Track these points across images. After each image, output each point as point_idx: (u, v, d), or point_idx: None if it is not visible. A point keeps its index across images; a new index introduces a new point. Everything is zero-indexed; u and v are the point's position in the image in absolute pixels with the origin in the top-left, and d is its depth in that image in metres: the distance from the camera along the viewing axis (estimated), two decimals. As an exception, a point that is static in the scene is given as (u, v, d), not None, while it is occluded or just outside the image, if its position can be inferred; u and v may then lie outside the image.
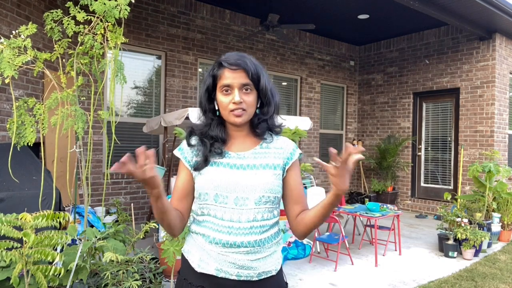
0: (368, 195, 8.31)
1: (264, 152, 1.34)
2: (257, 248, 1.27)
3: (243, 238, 1.25)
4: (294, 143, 1.41)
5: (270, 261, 1.30)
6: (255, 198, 1.26)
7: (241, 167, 1.30)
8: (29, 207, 2.68)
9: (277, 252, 1.34)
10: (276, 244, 1.34)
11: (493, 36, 6.97)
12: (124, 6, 2.41)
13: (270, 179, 1.29)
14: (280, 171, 1.33)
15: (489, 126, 6.99)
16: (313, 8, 6.87)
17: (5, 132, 4.13)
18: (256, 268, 1.27)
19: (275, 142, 1.38)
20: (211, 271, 1.27)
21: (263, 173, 1.29)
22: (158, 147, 6.48)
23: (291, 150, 1.36)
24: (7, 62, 2.27)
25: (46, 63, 2.65)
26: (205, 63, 7.03)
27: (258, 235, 1.27)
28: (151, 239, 4.93)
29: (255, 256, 1.27)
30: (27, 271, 2.18)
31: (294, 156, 1.36)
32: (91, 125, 2.57)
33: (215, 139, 1.32)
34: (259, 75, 1.30)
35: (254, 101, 1.30)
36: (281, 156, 1.35)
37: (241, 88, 1.27)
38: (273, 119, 1.37)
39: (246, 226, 1.26)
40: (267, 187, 1.28)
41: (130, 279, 2.49)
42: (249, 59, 1.30)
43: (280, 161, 1.34)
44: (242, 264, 1.26)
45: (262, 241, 1.28)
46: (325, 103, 9.02)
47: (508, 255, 4.90)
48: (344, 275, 4.04)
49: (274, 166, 1.32)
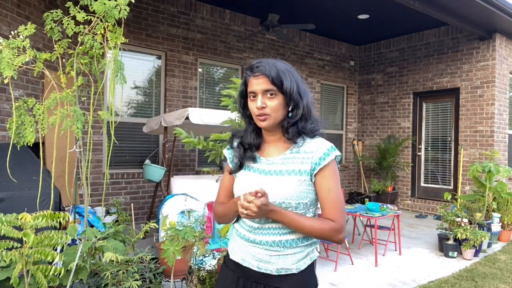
0: (368, 195, 8.31)
1: (293, 157, 1.36)
2: (276, 248, 1.34)
3: (261, 238, 1.35)
4: (330, 145, 1.35)
5: (291, 259, 1.35)
6: (276, 204, 1.31)
7: (268, 173, 1.37)
8: (29, 207, 2.68)
9: (301, 253, 1.36)
10: (303, 246, 1.37)
11: (493, 36, 6.97)
12: (124, 6, 2.41)
13: (292, 186, 1.32)
14: (307, 176, 1.33)
15: (489, 126, 6.99)
16: (313, 8, 6.87)
17: (5, 132, 4.13)
18: (274, 264, 1.34)
19: (306, 145, 1.36)
20: (238, 260, 1.42)
21: (287, 180, 1.33)
22: (158, 147, 6.48)
23: (321, 155, 1.32)
24: (7, 62, 2.27)
25: (46, 63, 2.65)
26: (205, 63, 7.03)
27: (277, 236, 1.34)
28: (151, 239, 4.93)
29: (275, 252, 1.34)
30: (27, 271, 2.18)
31: (323, 161, 1.32)
32: (90, 125, 2.57)
33: (250, 145, 1.42)
34: (281, 79, 1.32)
35: (279, 105, 1.33)
36: (309, 161, 1.34)
37: (265, 93, 1.33)
38: (304, 121, 1.36)
39: (265, 227, 1.35)
40: (288, 195, 1.31)
41: (130, 279, 2.49)
42: (273, 64, 1.34)
43: (307, 167, 1.34)
44: (261, 258, 1.35)
45: (282, 242, 1.34)
46: (325, 103, 9.02)
47: (508, 255, 4.90)
48: (344, 275, 4.04)
49: (301, 172, 1.33)
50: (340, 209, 1.33)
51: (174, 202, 4.36)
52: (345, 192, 8.67)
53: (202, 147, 2.91)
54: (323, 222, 1.32)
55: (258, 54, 7.61)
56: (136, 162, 6.25)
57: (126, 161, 6.20)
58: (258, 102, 1.32)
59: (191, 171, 6.78)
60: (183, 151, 6.65)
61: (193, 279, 3.06)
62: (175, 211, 4.26)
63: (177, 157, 6.56)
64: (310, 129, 1.37)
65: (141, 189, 6.23)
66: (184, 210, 4.28)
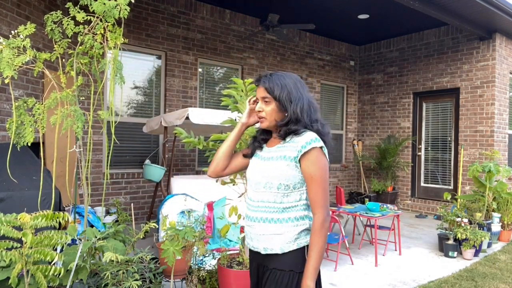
0: (368, 195, 8.31)
1: (284, 146, 1.63)
2: (262, 224, 1.59)
3: (252, 213, 1.64)
4: (315, 136, 1.57)
5: (277, 240, 1.56)
6: (263, 183, 1.60)
7: (265, 159, 1.67)
8: (29, 207, 2.68)
9: (287, 235, 1.56)
10: (290, 228, 1.56)
11: (493, 36, 6.97)
12: (124, 6, 2.41)
13: (278, 169, 1.57)
14: (292, 162, 1.57)
15: (489, 126, 6.99)
16: (313, 8, 6.87)
17: (5, 132, 4.13)
18: (262, 242, 1.60)
19: (296, 138, 1.60)
20: (247, 244, 1.72)
21: (275, 164, 1.59)
22: (158, 147, 6.48)
23: (303, 143, 1.55)
24: (7, 62, 2.27)
25: (46, 63, 2.65)
26: (205, 63, 7.03)
27: (263, 213, 1.60)
28: (151, 239, 4.93)
29: (261, 231, 1.60)
30: (27, 271, 2.18)
31: (304, 148, 1.54)
32: (90, 125, 2.57)
33: (256, 139, 1.78)
34: (274, 90, 1.61)
35: (273, 110, 1.63)
36: (295, 149, 1.57)
37: (262, 100, 1.65)
38: (294, 124, 1.60)
39: (255, 204, 1.63)
40: (272, 176, 1.58)
41: (130, 279, 2.49)
42: (270, 76, 1.64)
43: (294, 154, 1.57)
44: (252, 237, 1.65)
45: (268, 220, 1.58)
46: (325, 103, 9.02)
47: (508, 255, 4.90)
48: (344, 275, 4.04)
49: (289, 158, 1.57)
50: (320, 204, 1.53)
51: (174, 202, 4.36)
52: (345, 192, 8.67)
53: (202, 147, 2.90)
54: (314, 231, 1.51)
55: (258, 54, 7.62)
56: (136, 162, 6.25)
57: (126, 161, 6.20)
58: (257, 107, 1.67)
59: (191, 171, 6.78)
60: (183, 151, 6.65)
61: (193, 279, 3.06)
62: (175, 211, 4.26)
63: (177, 157, 6.56)
64: (295, 131, 1.60)
65: (141, 189, 6.23)
66: (184, 210, 4.28)
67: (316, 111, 1.68)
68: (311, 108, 1.65)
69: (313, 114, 1.65)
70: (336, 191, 5.97)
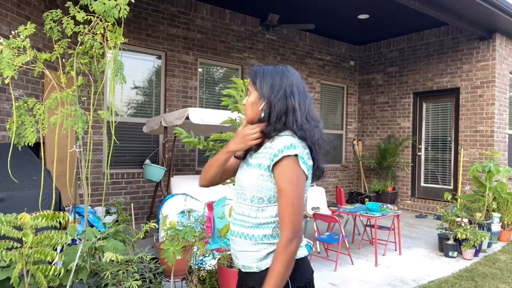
0: (368, 195, 8.31)
1: (262, 152, 1.42)
2: (239, 240, 1.41)
3: (233, 227, 1.46)
4: (290, 142, 1.32)
5: (252, 256, 1.38)
6: (240, 194, 1.43)
7: (248, 165, 1.45)
8: (29, 207, 2.68)
9: (260, 252, 1.37)
10: (264, 245, 1.37)
11: (493, 36, 6.97)
12: (124, 6, 2.41)
13: (250, 178, 1.39)
14: (266, 172, 1.35)
15: (489, 126, 6.99)
16: (313, 8, 6.87)
17: (5, 132, 4.13)
18: (241, 259, 1.42)
19: (274, 142, 1.37)
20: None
21: (249, 172, 1.41)
22: (158, 147, 6.48)
23: (275, 151, 1.32)
24: (7, 62, 2.27)
25: (46, 63, 2.65)
26: (205, 63, 7.03)
27: (240, 228, 1.42)
28: (151, 239, 4.93)
29: (239, 247, 1.42)
30: (27, 271, 2.18)
31: (275, 158, 1.31)
32: (91, 125, 2.57)
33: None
34: (254, 79, 1.44)
35: (253, 103, 1.43)
36: (270, 156, 1.34)
37: (248, 91, 1.49)
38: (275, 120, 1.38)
39: (234, 217, 1.46)
40: (245, 185, 1.40)
41: (130, 279, 2.49)
42: (256, 67, 1.47)
43: (267, 162, 1.35)
44: (234, 254, 1.46)
45: (244, 235, 1.40)
46: (325, 103, 9.02)
47: (508, 255, 4.90)
48: (344, 275, 4.04)
49: (262, 167, 1.37)
50: (287, 221, 1.27)
51: (174, 202, 4.36)
52: (345, 192, 8.68)
53: (202, 147, 2.90)
54: (275, 254, 1.28)
55: (258, 54, 7.62)
56: (136, 162, 6.25)
57: (126, 161, 6.19)
58: (244, 99, 1.53)
59: (191, 171, 6.78)
60: (183, 151, 6.65)
61: (193, 279, 3.06)
62: (175, 211, 4.26)
63: (177, 157, 6.56)
64: (280, 129, 1.38)
65: (141, 189, 6.23)
66: (184, 210, 4.28)
67: (306, 109, 1.40)
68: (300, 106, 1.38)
69: (300, 113, 1.38)
70: (336, 191, 5.98)
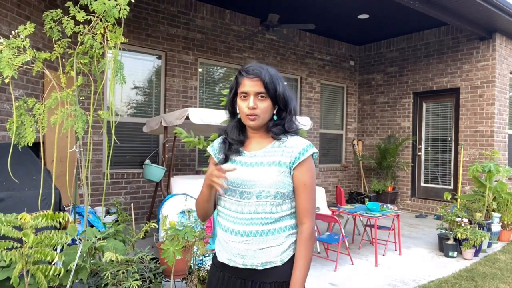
0: (368, 195, 8.31)
1: (274, 151, 1.47)
2: (259, 238, 1.42)
3: (245, 228, 1.43)
4: (309, 142, 1.47)
5: (274, 252, 1.43)
6: (256, 193, 1.42)
7: (250, 165, 1.46)
8: (29, 207, 2.68)
9: (283, 245, 1.44)
10: (285, 237, 1.45)
11: (493, 36, 6.97)
12: (124, 6, 2.41)
13: (272, 175, 1.42)
14: (286, 168, 1.43)
15: (489, 126, 6.99)
16: (313, 8, 6.87)
17: (5, 132, 4.13)
18: (259, 258, 1.42)
19: (288, 141, 1.47)
20: (225, 260, 1.48)
21: (267, 170, 1.43)
22: (158, 147, 6.48)
23: (300, 150, 1.43)
24: (7, 62, 2.27)
25: (46, 63, 2.65)
26: (205, 63, 7.03)
27: (259, 226, 1.42)
28: (151, 239, 4.93)
29: (258, 246, 1.42)
30: (27, 271, 2.18)
31: (302, 156, 1.43)
32: (91, 125, 2.57)
33: (233, 140, 1.51)
34: (275, 85, 1.44)
35: (268, 107, 1.44)
36: (289, 155, 1.44)
37: (256, 95, 1.43)
38: (289, 122, 1.49)
39: (247, 217, 1.43)
40: (267, 183, 1.41)
41: (130, 279, 2.49)
42: (266, 69, 1.45)
43: (287, 160, 1.44)
44: (245, 254, 1.43)
45: (265, 232, 1.42)
46: (325, 103, 9.02)
47: (508, 255, 4.90)
48: (344, 275, 4.04)
49: (281, 164, 1.43)
50: (310, 212, 1.44)
51: (174, 202, 4.36)
52: (345, 192, 8.68)
53: (202, 147, 2.91)
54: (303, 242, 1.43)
55: (258, 54, 7.62)
56: (136, 162, 6.25)
57: (126, 161, 6.19)
58: (251, 103, 1.42)
59: (191, 171, 6.78)
60: (183, 151, 6.65)
61: (193, 279, 3.06)
62: (175, 211, 4.26)
63: (177, 157, 6.56)
64: (294, 130, 1.49)
65: (141, 189, 6.23)
66: (184, 210, 4.28)
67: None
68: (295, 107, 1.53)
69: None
70: (336, 191, 5.97)
